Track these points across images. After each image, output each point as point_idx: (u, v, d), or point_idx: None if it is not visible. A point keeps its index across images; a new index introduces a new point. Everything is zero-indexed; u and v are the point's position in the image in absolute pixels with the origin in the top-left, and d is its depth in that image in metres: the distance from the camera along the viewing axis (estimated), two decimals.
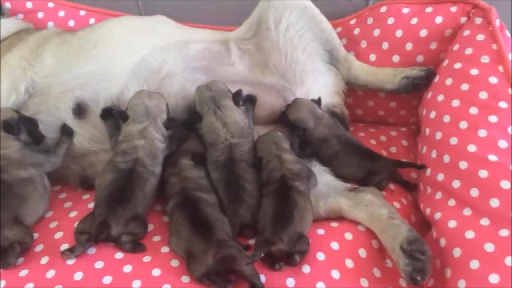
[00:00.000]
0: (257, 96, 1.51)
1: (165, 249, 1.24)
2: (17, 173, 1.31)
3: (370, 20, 1.65)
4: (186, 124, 1.43)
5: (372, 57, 1.64)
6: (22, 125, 1.37)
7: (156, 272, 1.17)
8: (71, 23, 1.79)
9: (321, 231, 1.29)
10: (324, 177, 1.42)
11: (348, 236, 1.28)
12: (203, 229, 1.18)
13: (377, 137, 1.66)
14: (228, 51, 1.56)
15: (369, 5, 1.72)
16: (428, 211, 1.32)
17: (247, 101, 1.48)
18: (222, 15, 1.80)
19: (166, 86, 1.45)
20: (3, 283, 1.16)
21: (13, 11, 1.76)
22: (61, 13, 1.80)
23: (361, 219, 1.30)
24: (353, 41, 1.67)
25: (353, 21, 1.69)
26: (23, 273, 1.18)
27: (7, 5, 1.75)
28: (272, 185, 1.28)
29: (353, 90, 1.69)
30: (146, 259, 1.21)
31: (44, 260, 1.21)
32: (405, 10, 1.60)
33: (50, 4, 1.80)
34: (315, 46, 1.57)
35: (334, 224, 1.32)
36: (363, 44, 1.65)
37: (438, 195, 1.30)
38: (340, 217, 1.34)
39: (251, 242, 1.24)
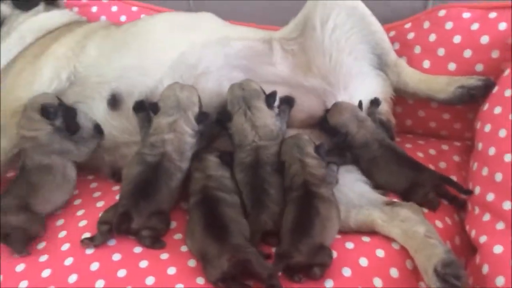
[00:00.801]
0: (296, 98, 1.44)
1: (184, 248, 1.20)
2: (38, 159, 1.31)
3: (426, 24, 1.54)
4: (218, 122, 1.39)
5: (426, 64, 1.52)
6: (60, 112, 1.38)
7: (171, 270, 1.14)
8: (123, 18, 1.82)
9: (350, 245, 1.20)
10: (359, 187, 1.33)
11: (380, 253, 1.18)
12: (217, 231, 1.13)
13: (426, 150, 1.53)
14: (271, 50, 1.51)
15: (428, 8, 1.61)
16: (473, 233, 1.19)
17: (285, 102, 1.42)
18: (274, 14, 1.75)
19: (201, 82, 1.42)
20: (22, 266, 1.17)
21: (69, 4, 1.82)
22: (114, 8, 1.83)
23: (394, 235, 1.19)
24: (406, 46, 1.56)
25: (408, 25, 1.59)
26: (43, 258, 1.20)
27: None
28: (295, 191, 1.21)
29: (403, 98, 1.58)
30: (164, 256, 1.18)
31: (65, 247, 1.22)
32: (466, 15, 1.47)
33: None
34: (362, 49, 1.48)
35: (366, 239, 1.22)
36: (417, 49, 1.54)
37: (486, 217, 1.18)
38: (373, 232, 1.24)
39: (274, 250, 1.18)
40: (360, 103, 1.44)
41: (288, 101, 1.42)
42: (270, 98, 1.36)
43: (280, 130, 1.36)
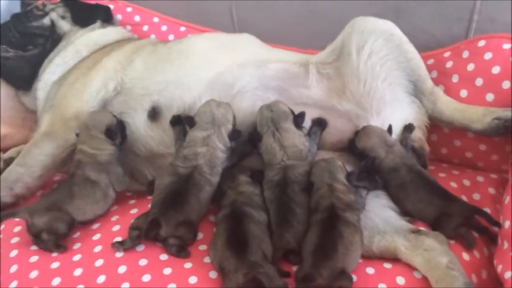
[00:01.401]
0: (328, 121, 1.47)
1: (207, 259, 1.24)
2: (88, 173, 1.39)
3: (465, 54, 1.53)
4: (250, 141, 1.44)
5: (463, 93, 1.51)
6: (119, 129, 1.48)
7: (192, 279, 1.19)
8: (171, 37, 1.92)
9: (370, 270, 1.20)
10: (385, 213, 1.33)
11: (400, 280, 1.17)
12: (237, 245, 1.17)
13: (460, 180, 1.51)
14: (307, 73, 1.54)
15: (469, 38, 1.59)
16: (500, 268, 1.16)
17: (317, 125, 1.44)
18: (313, 38, 1.79)
19: (237, 102, 1.48)
20: (57, 264, 1.26)
21: (123, 23, 1.95)
22: (164, 28, 1.94)
23: (417, 264, 1.18)
24: (444, 74, 1.56)
25: (447, 54, 1.58)
26: (76, 257, 1.28)
27: (118, 16, 1.94)
28: (320, 213, 1.23)
29: (438, 127, 1.57)
30: (187, 265, 1.23)
31: (97, 248, 1.29)
32: (506, 46, 1.46)
33: (155, 19, 1.95)
34: (398, 75, 1.49)
35: (387, 265, 1.22)
36: (455, 78, 1.53)
37: None
38: (395, 259, 1.23)
39: (295, 268, 1.19)
40: (390, 128, 1.44)
41: (320, 123, 1.45)
42: (298, 119, 1.40)
43: (309, 150, 1.38)
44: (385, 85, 1.48)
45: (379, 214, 1.32)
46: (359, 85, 1.48)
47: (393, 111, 1.49)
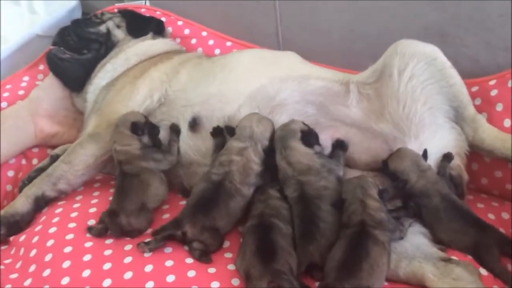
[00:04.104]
0: (363, 141, 1.47)
1: (231, 267, 1.26)
2: (138, 164, 1.47)
3: (510, 83, 1.49)
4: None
5: (507, 123, 1.47)
6: (146, 129, 1.55)
7: (214, 284, 1.20)
8: (217, 51, 1.98)
9: None
10: (417, 239, 1.29)
11: None
12: (266, 254, 1.18)
13: (499, 213, 1.45)
14: (348, 92, 1.55)
15: None
16: None
17: (338, 147, 1.45)
18: (355, 59, 1.81)
19: (277, 113, 1.51)
20: (89, 257, 1.31)
21: (174, 35, 2.03)
22: (211, 42, 2.01)
23: None
24: (488, 102, 1.52)
25: (492, 82, 1.55)
26: (107, 252, 1.32)
27: (169, 29, 2.03)
28: (350, 229, 1.22)
29: (480, 156, 1.53)
30: (211, 270, 1.25)
31: (128, 247, 1.33)
32: None
33: (204, 33, 2.03)
34: (439, 100, 1.47)
35: None
36: (499, 107, 1.49)
37: None
38: (422, 285, 1.20)
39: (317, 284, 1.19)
40: (425, 152, 1.42)
41: (341, 146, 1.45)
42: (306, 137, 1.41)
43: (323, 166, 1.37)
44: (425, 109, 1.46)
45: (409, 239, 1.29)
46: (398, 107, 1.48)
47: (431, 135, 1.46)
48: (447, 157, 1.45)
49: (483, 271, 1.22)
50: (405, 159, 1.39)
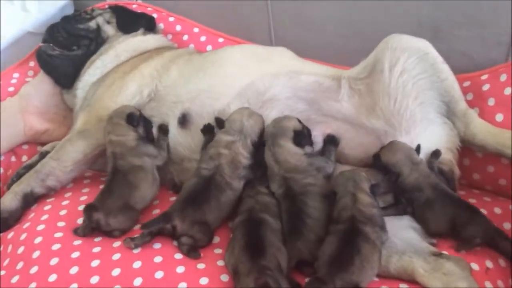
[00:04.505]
0: (354, 136, 1.46)
1: (221, 263, 1.25)
2: (131, 160, 1.44)
3: (503, 77, 1.48)
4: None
5: (499, 117, 1.46)
6: (141, 122, 1.54)
7: (203, 280, 1.20)
8: (209, 47, 1.97)
9: None
10: (406, 233, 1.29)
11: None
12: (254, 250, 1.17)
13: (491, 208, 1.44)
14: (339, 87, 1.54)
15: (509, 61, 1.55)
16: None
17: (330, 142, 1.44)
18: (349, 56, 1.79)
19: (267, 108, 1.50)
20: (77, 254, 1.29)
21: (165, 31, 2.01)
22: (203, 38, 1.99)
23: None
24: (480, 97, 1.52)
25: (484, 77, 1.54)
26: (96, 249, 1.30)
27: (161, 25, 2.01)
28: (340, 224, 1.21)
29: (472, 151, 1.52)
30: (200, 266, 1.24)
31: (116, 244, 1.32)
32: None
33: (196, 29, 2.01)
34: (430, 95, 1.45)
35: (403, 286, 1.19)
36: (491, 101, 1.49)
37: None
38: (412, 281, 1.19)
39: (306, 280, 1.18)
40: (418, 147, 1.41)
41: (332, 141, 1.44)
42: (297, 137, 1.39)
43: (310, 165, 1.36)
44: (416, 104, 1.45)
45: (399, 234, 1.28)
46: (389, 103, 1.46)
47: (423, 130, 1.45)
48: (435, 154, 1.44)
49: (475, 266, 1.21)
50: (398, 152, 1.38)
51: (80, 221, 1.40)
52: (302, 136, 1.40)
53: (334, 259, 1.13)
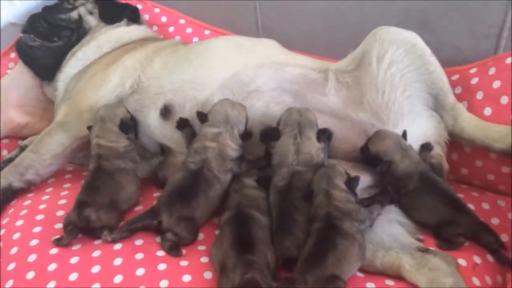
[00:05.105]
0: (342, 130, 1.43)
1: (204, 259, 1.22)
2: (117, 163, 1.41)
3: (492, 70, 1.46)
4: (262, 139, 1.42)
5: (487, 111, 1.44)
6: (132, 126, 1.50)
7: (186, 278, 1.17)
8: (195, 39, 1.93)
9: (371, 286, 1.16)
10: (393, 228, 1.27)
11: None
12: (243, 246, 1.14)
13: (479, 203, 1.42)
14: (326, 80, 1.51)
15: (498, 55, 1.53)
16: None
17: (322, 134, 1.40)
18: (337, 48, 1.76)
19: (252, 99, 1.47)
20: (55, 250, 1.26)
21: (150, 23, 1.97)
22: (189, 30, 1.95)
23: (419, 283, 1.12)
24: (468, 90, 1.50)
25: (473, 70, 1.52)
26: (76, 247, 1.27)
27: (146, 16, 1.97)
28: (317, 222, 1.18)
29: (460, 146, 1.50)
30: (183, 263, 1.21)
31: (97, 241, 1.28)
32: None
33: (182, 21, 1.97)
34: (418, 88, 1.43)
35: (389, 282, 1.17)
36: (479, 95, 1.47)
37: None
38: (399, 276, 1.17)
39: None
40: (405, 133, 1.39)
41: (325, 133, 1.40)
42: (322, 134, 1.37)
43: (322, 161, 1.34)
44: (404, 97, 1.43)
45: (386, 229, 1.26)
46: (377, 96, 1.44)
47: (410, 124, 1.43)
48: (426, 147, 1.43)
49: (462, 262, 1.20)
50: (387, 139, 1.35)
51: (60, 213, 1.37)
52: (324, 134, 1.37)
53: (309, 256, 1.11)
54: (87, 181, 1.38)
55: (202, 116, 1.42)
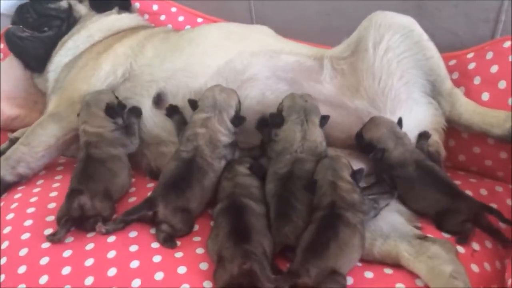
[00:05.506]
0: (338, 118, 1.41)
1: (199, 251, 1.20)
2: (107, 150, 1.38)
3: (489, 55, 1.44)
4: (258, 127, 1.40)
5: (485, 96, 1.42)
6: (119, 111, 1.46)
7: (181, 269, 1.15)
8: (187, 27, 1.89)
9: (369, 274, 1.14)
10: (391, 217, 1.25)
11: (400, 287, 1.09)
12: (239, 236, 1.12)
13: (477, 189, 1.42)
14: (321, 68, 1.48)
15: (495, 39, 1.51)
16: (509, 282, 1.07)
17: (322, 120, 1.38)
18: (332, 35, 1.74)
19: (246, 88, 1.44)
20: (47, 245, 1.23)
21: (141, 11, 1.93)
22: (181, 18, 1.92)
23: (418, 271, 1.11)
24: (466, 76, 1.48)
25: (470, 55, 1.50)
26: (68, 240, 1.24)
27: (136, 5, 1.93)
28: (320, 211, 1.16)
29: (457, 132, 1.48)
30: (178, 254, 1.19)
31: (90, 234, 1.26)
32: None
33: (173, 9, 1.94)
34: (415, 74, 1.41)
35: (388, 271, 1.15)
36: (477, 80, 1.45)
37: None
38: (397, 264, 1.16)
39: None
40: (400, 120, 1.37)
41: (325, 120, 1.38)
42: (323, 120, 1.35)
43: (324, 150, 1.33)
44: (401, 84, 1.41)
45: (385, 217, 1.24)
46: (373, 82, 1.42)
47: (408, 111, 1.41)
48: (424, 136, 1.41)
49: (461, 249, 1.18)
50: (381, 126, 1.34)
51: (51, 206, 1.35)
52: (326, 120, 1.35)
53: (310, 246, 1.09)
54: (78, 170, 1.35)
55: (193, 104, 1.39)
